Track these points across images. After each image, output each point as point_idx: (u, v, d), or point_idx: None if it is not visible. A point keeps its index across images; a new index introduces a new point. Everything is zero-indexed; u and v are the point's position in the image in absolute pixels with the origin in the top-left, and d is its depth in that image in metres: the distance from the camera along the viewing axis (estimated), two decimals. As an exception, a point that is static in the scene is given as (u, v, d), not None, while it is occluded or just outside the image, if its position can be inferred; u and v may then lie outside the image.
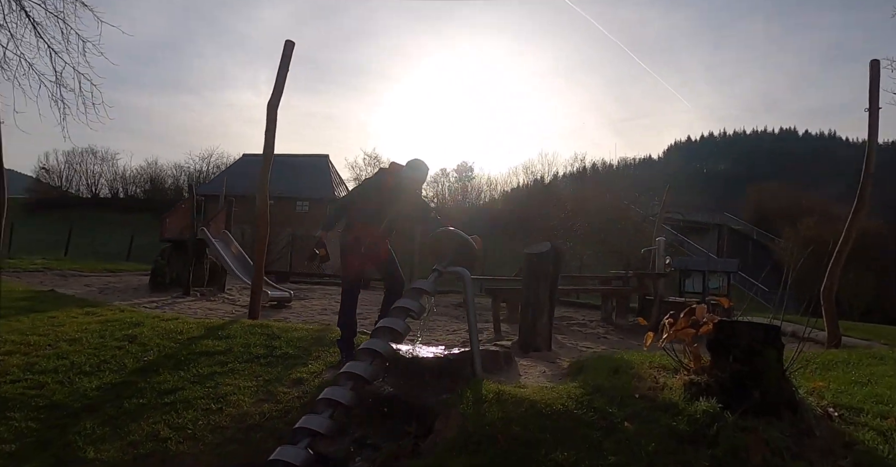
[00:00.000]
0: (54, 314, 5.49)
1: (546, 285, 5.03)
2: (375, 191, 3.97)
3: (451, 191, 42.64)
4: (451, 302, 11.24)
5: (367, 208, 3.96)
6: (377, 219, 3.96)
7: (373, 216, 3.95)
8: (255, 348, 4.29)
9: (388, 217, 3.99)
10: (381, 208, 3.94)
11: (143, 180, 47.18)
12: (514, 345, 5.26)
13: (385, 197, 3.93)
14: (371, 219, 3.96)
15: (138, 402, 3.48)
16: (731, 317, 3.38)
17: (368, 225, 3.96)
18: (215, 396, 3.46)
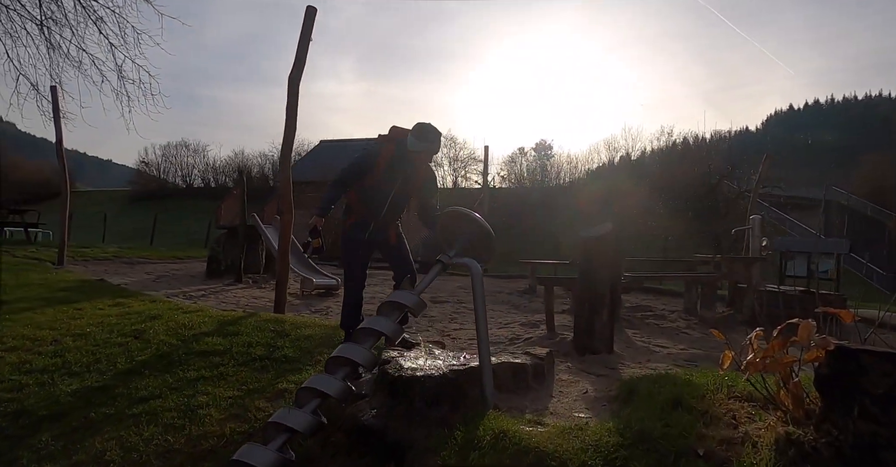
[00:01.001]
0: (82, 305, 5.30)
1: (606, 275, 4.13)
2: (373, 164, 3.25)
3: (530, 170, 41.27)
4: (516, 288, 10.42)
5: (367, 186, 3.26)
6: (379, 198, 3.26)
7: (374, 195, 3.25)
8: (256, 348, 3.77)
9: (393, 196, 3.27)
10: (384, 185, 3.23)
11: (232, 169, 49.57)
12: (568, 344, 4.41)
13: (385, 171, 3.22)
14: (372, 199, 3.26)
15: (106, 412, 3.04)
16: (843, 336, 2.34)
17: (370, 206, 3.27)
18: (186, 409, 2.94)
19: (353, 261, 3.38)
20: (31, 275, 6.99)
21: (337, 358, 2.47)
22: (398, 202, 3.32)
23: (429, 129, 3.19)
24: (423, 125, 3.20)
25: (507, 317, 6.65)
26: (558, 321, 5.98)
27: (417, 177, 3.30)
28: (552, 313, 4.87)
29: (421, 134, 3.18)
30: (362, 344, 2.51)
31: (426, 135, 3.18)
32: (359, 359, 2.44)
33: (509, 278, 12.77)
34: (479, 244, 2.79)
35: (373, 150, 3.33)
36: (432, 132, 3.20)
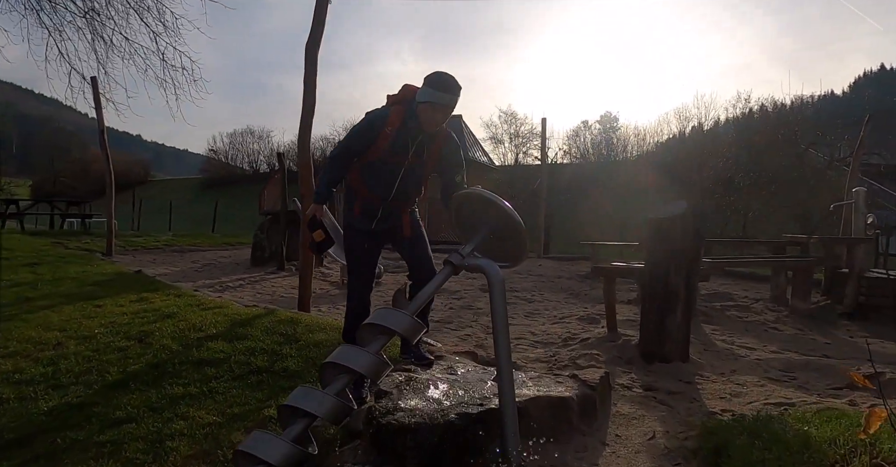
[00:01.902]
0: (103, 302, 5.02)
1: (681, 266, 3.31)
2: (376, 132, 2.54)
3: (594, 144, 39.39)
4: (578, 271, 9.54)
5: (371, 161, 2.59)
6: (386, 176, 2.58)
7: (379, 173, 2.59)
8: (258, 357, 3.26)
9: (404, 173, 2.58)
10: (391, 159, 2.55)
11: (295, 153, 50.59)
12: (633, 349, 3.64)
13: (394, 141, 2.53)
14: (377, 177, 2.59)
15: (74, 437, 2.60)
16: None
17: (375, 187, 2.61)
18: (156, 439, 2.44)
19: (357, 257, 2.73)
20: (72, 267, 6.88)
21: (332, 365, 1.85)
22: (411, 180, 2.62)
23: (447, 78, 2.43)
24: (439, 73, 2.45)
25: (564, 308, 5.88)
26: (623, 315, 5.16)
27: (434, 145, 2.58)
28: (614, 309, 4.07)
29: (437, 83, 2.41)
30: (369, 346, 1.87)
31: (444, 84, 2.41)
32: (359, 367, 1.80)
33: (571, 260, 11.86)
34: (504, 241, 2.09)
35: (377, 115, 2.60)
36: (450, 81, 2.43)
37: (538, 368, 3.54)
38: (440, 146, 2.60)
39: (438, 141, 2.59)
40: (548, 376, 2.51)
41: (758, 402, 2.78)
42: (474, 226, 2.13)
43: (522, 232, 2.00)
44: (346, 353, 1.88)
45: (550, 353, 3.89)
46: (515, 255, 2.12)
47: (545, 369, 3.56)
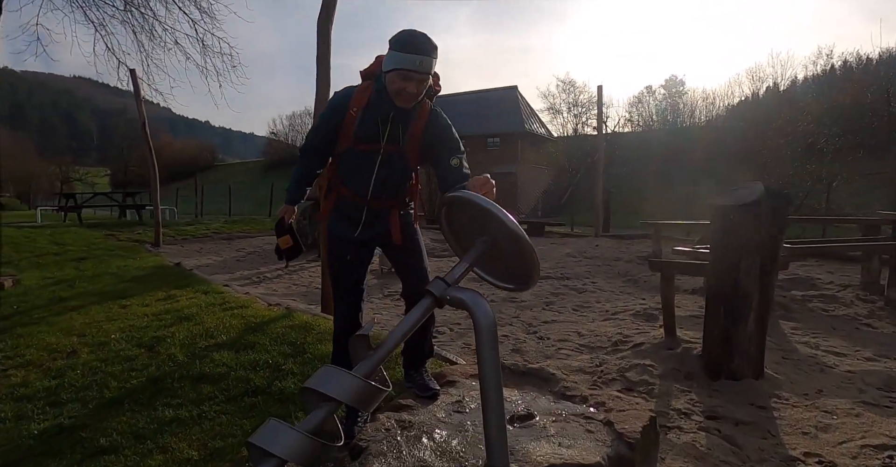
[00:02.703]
0: (131, 301, 4.91)
1: (754, 264, 2.71)
2: (341, 115, 2.06)
3: (659, 110, 37.21)
4: (638, 252, 8.80)
5: (342, 152, 2.12)
6: (361, 168, 2.10)
7: (353, 165, 2.12)
8: (259, 372, 2.95)
9: (380, 162, 2.07)
10: (363, 146, 2.06)
11: None
12: (695, 360, 3.08)
13: (363, 124, 2.04)
14: (351, 171, 2.13)
15: (53, 470, 2.35)
16: None
17: (351, 183, 2.14)
18: (126, 481, 2.15)
19: (338, 270, 2.27)
20: (115, 262, 6.90)
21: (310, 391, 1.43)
22: (392, 173, 2.09)
23: (413, 35, 1.90)
24: (403, 31, 1.93)
25: (618, 299, 5.28)
26: (686, 309, 4.53)
27: (414, 127, 2.04)
28: (673, 310, 3.47)
29: (402, 42, 1.89)
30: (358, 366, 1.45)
31: (410, 42, 1.88)
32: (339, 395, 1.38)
33: (631, 239, 11.05)
34: (508, 258, 1.60)
35: (341, 94, 2.11)
36: (418, 38, 1.89)
37: (580, 382, 3.05)
38: (421, 127, 2.05)
39: (419, 121, 2.04)
40: (576, 420, 2.01)
41: (853, 443, 2.18)
42: (468, 240, 1.65)
43: (529, 251, 1.50)
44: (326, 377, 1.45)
45: (597, 362, 3.37)
46: (524, 277, 1.62)
47: (588, 383, 3.06)
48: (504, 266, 1.65)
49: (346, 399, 1.40)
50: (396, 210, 2.18)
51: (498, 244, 1.57)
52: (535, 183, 32.81)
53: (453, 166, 1.99)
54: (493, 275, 1.68)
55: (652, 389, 2.83)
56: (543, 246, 10.14)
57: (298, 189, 2.30)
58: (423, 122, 2.05)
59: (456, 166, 1.99)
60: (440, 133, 2.06)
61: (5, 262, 6.81)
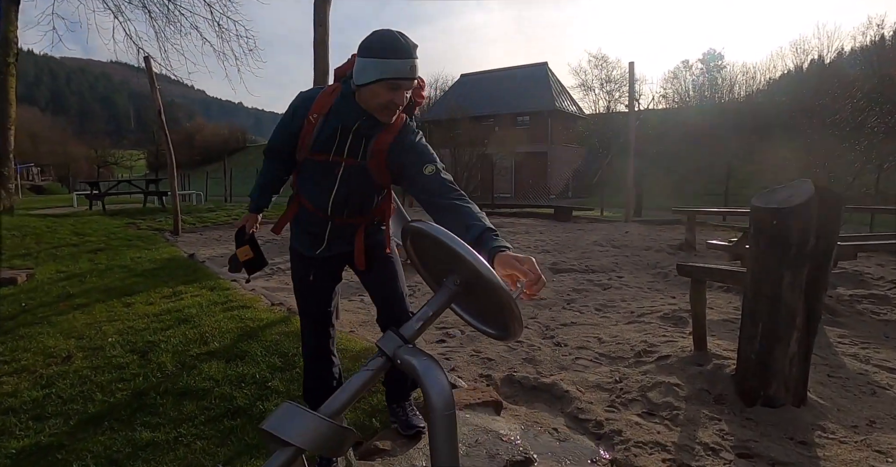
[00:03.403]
0: (136, 299, 4.79)
1: (800, 277, 2.35)
2: (299, 123, 1.78)
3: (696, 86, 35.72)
4: (671, 239, 8.34)
5: (304, 164, 1.85)
6: (322, 182, 1.81)
7: (312, 178, 1.83)
8: (244, 389, 2.76)
9: (342, 176, 1.77)
10: (321, 157, 1.77)
11: None
12: (728, 380, 2.75)
13: (323, 133, 1.75)
14: (311, 184, 1.84)
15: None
16: None
17: (312, 197, 1.85)
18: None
19: (302, 292, 2.00)
20: (130, 253, 6.84)
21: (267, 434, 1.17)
22: (355, 188, 1.80)
23: (392, 37, 1.56)
24: (379, 34, 1.59)
25: (646, 298, 4.92)
26: (721, 311, 4.16)
27: (379, 140, 1.73)
28: (703, 322, 3.11)
29: (384, 47, 1.55)
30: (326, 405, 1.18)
31: (393, 46, 1.55)
32: (297, 440, 1.12)
33: (664, 225, 10.55)
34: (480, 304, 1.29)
35: (303, 97, 1.82)
36: (398, 39, 1.55)
37: (596, 403, 2.75)
38: (388, 142, 1.73)
39: (386, 135, 1.73)
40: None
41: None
42: (440, 273, 1.34)
43: (508, 302, 1.18)
44: (285, 417, 1.18)
45: (617, 376, 3.06)
46: (503, 327, 1.31)
47: (605, 403, 2.76)
48: (483, 306, 1.35)
49: (307, 445, 1.14)
50: (363, 229, 1.89)
51: (471, 287, 1.27)
52: (566, 162, 32.02)
53: (427, 174, 1.63)
54: (472, 313, 1.38)
55: (676, 415, 2.51)
56: (570, 233, 9.76)
57: (263, 196, 2.05)
58: (390, 137, 1.73)
59: (431, 174, 1.64)
60: (409, 152, 1.71)
61: (24, 254, 6.83)
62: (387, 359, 1.19)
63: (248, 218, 2.06)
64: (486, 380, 3.11)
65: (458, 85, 39.54)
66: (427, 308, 1.24)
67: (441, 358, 3.46)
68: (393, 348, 1.18)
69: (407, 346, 1.17)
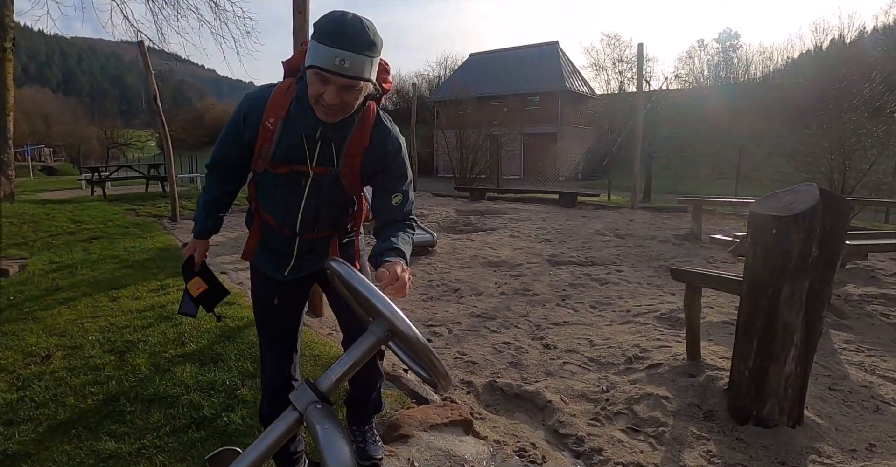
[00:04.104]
0: (122, 293, 4.73)
1: (799, 292, 2.19)
2: (254, 128, 1.57)
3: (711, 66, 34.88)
4: (677, 228, 8.13)
5: (264, 177, 1.65)
6: (287, 196, 1.62)
7: (279, 196, 1.63)
8: (212, 398, 2.69)
9: (310, 188, 1.59)
10: (283, 168, 1.58)
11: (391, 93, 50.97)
12: (720, 396, 2.62)
13: (283, 139, 1.55)
14: (273, 198, 1.65)
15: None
16: None
17: (275, 212, 1.67)
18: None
19: (263, 315, 1.82)
20: (125, 242, 6.78)
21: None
22: (325, 202, 1.62)
23: (339, 19, 1.33)
24: (330, 14, 1.36)
25: (644, 294, 4.76)
26: (722, 311, 4.00)
27: (351, 145, 1.53)
28: (697, 330, 2.95)
29: (325, 30, 1.32)
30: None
31: (334, 29, 1.31)
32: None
33: (670, 212, 10.29)
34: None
35: (252, 98, 1.59)
36: (347, 23, 1.32)
37: (579, 415, 2.62)
38: (362, 146, 1.54)
39: (358, 137, 1.53)
40: None
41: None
42: (368, 312, 1.20)
43: (429, 358, 1.04)
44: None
45: (604, 385, 2.92)
46: (432, 379, 1.16)
47: (589, 415, 2.63)
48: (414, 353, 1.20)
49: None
50: (336, 240, 1.73)
51: (395, 339, 1.13)
52: (577, 144, 31.53)
53: (395, 205, 1.54)
54: (409, 354, 1.24)
55: (662, 432, 2.38)
56: (574, 220, 9.55)
57: (209, 217, 1.81)
58: (364, 140, 1.54)
59: (397, 205, 1.54)
60: (386, 157, 1.56)
61: (21, 243, 6.79)
62: (298, 417, 1.06)
63: (194, 245, 1.83)
64: (467, 387, 2.99)
65: (467, 64, 38.92)
66: (347, 357, 1.10)
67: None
68: (305, 403, 1.04)
69: (317, 406, 1.03)
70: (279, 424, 1.07)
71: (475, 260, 6.31)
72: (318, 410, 1.02)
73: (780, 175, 16.34)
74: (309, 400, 1.05)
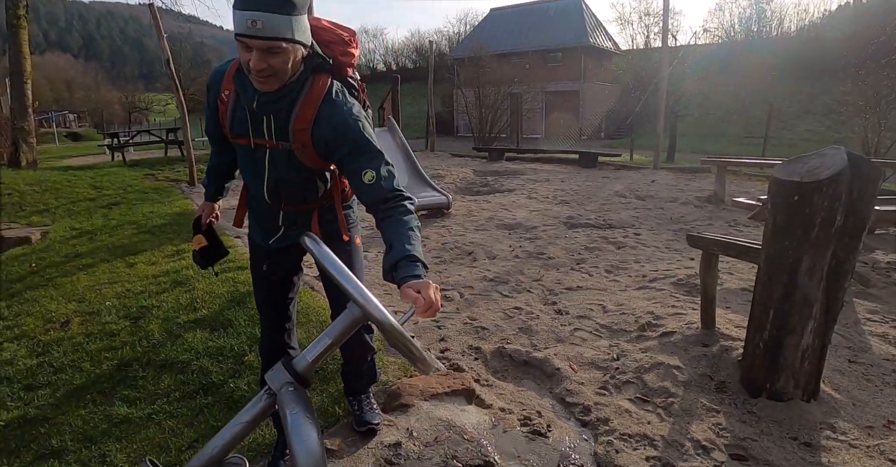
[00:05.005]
0: (139, 259, 4.80)
1: (820, 259, 2.08)
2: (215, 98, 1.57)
3: (743, 20, 33.21)
4: (700, 189, 7.89)
5: (236, 147, 1.61)
6: (255, 171, 1.59)
7: (247, 166, 1.61)
8: (221, 364, 2.74)
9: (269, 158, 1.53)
10: (242, 139, 1.54)
11: (410, 50, 50.16)
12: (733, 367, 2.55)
13: (234, 116, 1.52)
14: (247, 172, 1.63)
15: (-3, 476, 2.22)
16: None
17: (252, 186, 1.66)
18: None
19: (257, 281, 1.85)
20: (143, 207, 6.85)
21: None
22: (285, 175, 1.56)
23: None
24: None
25: (662, 258, 4.65)
26: (742, 278, 3.89)
27: (302, 116, 1.44)
28: (713, 298, 2.85)
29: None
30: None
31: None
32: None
33: (694, 172, 9.99)
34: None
35: (215, 71, 1.59)
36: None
37: (587, 383, 2.59)
38: (308, 120, 1.44)
39: (304, 110, 1.43)
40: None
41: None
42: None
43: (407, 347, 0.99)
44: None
45: (615, 353, 2.87)
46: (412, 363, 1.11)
47: (597, 384, 2.60)
48: None
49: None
50: (316, 215, 1.68)
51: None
52: (600, 101, 30.66)
53: (366, 183, 1.40)
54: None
55: (671, 403, 2.33)
56: (593, 181, 9.34)
57: (212, 184, 1.88)
58: (309, 114, 1.43)
59: (371, 183, 1.40)
60: (339, 139, 1.43)
61: (43, 210, 6.91)
62: (273, 399, 1.02)
63: (203, 207, 1.92)
64: (475, 353, 2.97)
65: (487, 20, 37.68)
66: (324, 337, 1.06)
67: (432, 326, 3.33)
68: (279, 384, 1.00)
69: (289, 389, 0.99)
70: (253, 407, 1.03)
71: (490, 222, 6.22)
72: (290, 393, 0.99)
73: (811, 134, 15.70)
74: (284, 380, 1.01)
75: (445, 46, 47.28)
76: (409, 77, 41.87)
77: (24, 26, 9.76)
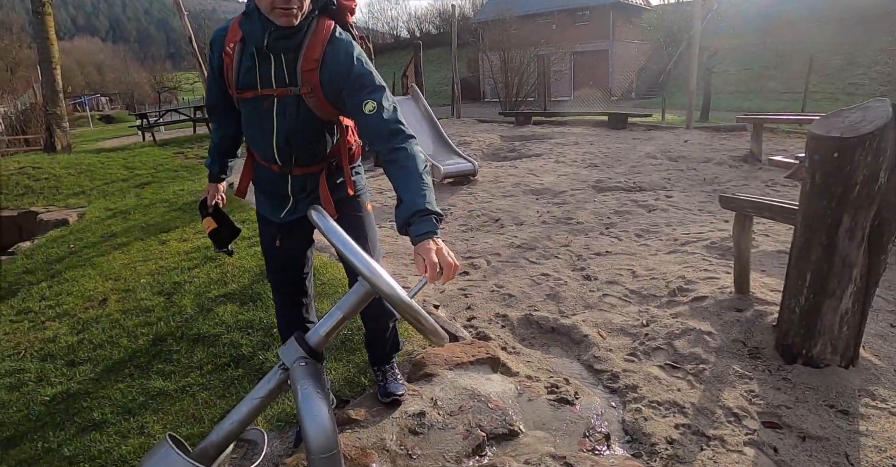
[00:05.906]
0: (171, 236, 4.91)
1: (862, 219, 1.97)
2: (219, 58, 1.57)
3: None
4: (736, 149, 7.58)
5: (240, 106, 1.60)
6: (262, 125, 1.56)
7: (254, 125, 1.58)
8: (249, 338, 2.81)
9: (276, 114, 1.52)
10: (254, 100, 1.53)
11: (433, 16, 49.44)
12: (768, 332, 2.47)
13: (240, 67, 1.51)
14: (254, 133, 1.60)
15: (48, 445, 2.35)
16: None
17: (256, 145, 1.63)
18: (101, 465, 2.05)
19: (269, 257, 1.85)
20: (173, 186, 6.98)
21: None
22: (296, 127, 1.54)
23: None
24: None
25: (693, 221, 4.51)
26: (778, 239, 3.75)
27: (310, 55, 1.45)
28: (747, 262, 2.74)
29: None
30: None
31: None
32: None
33: (729, 132, 9.59)
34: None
35: (219, 28, 1.58)
36: None
37: (615, 350, 2.55)
38: (316, 59, 1.45)
39: (311, 50, 1.45)
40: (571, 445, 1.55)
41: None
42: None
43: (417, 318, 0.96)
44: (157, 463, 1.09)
45: (644, 319, 2.81)
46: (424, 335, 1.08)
47: (626, 350, 2.55)
48: None
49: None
50: (324, 176, 1.65)
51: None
52: (630, 61, 29.58)
53: (368, 113, 1.40)
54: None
55: (702, 370, 2.27)
56: (624, 142, 9.07)
57: (214, 163, 1.86)
58: (317, 51, 1.45)
59: (371, 112, 1.40)
60: (344, 75, 1.44)
61: (79, 192, 7.11)
62: (287, 374, 1.02)
63: (208, 188, 1.90)
64: (502, 321, 2.95)
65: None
66: (336, 310, 1.04)
67: (459, 294, 3.31)
68: (292, 359, 1.00)
69: (301, 363, 0.98)
70: (267, 382, 1.03)
71: (517, 188, 6.13)
72: (301, 368, 0.98)
73: (855, 88, 14.82)
74: (297, 355, 1.00)
75: (469, 10, 46.12)
76: (434, 43, 41.06)
77: (49, 13, 9.88)
